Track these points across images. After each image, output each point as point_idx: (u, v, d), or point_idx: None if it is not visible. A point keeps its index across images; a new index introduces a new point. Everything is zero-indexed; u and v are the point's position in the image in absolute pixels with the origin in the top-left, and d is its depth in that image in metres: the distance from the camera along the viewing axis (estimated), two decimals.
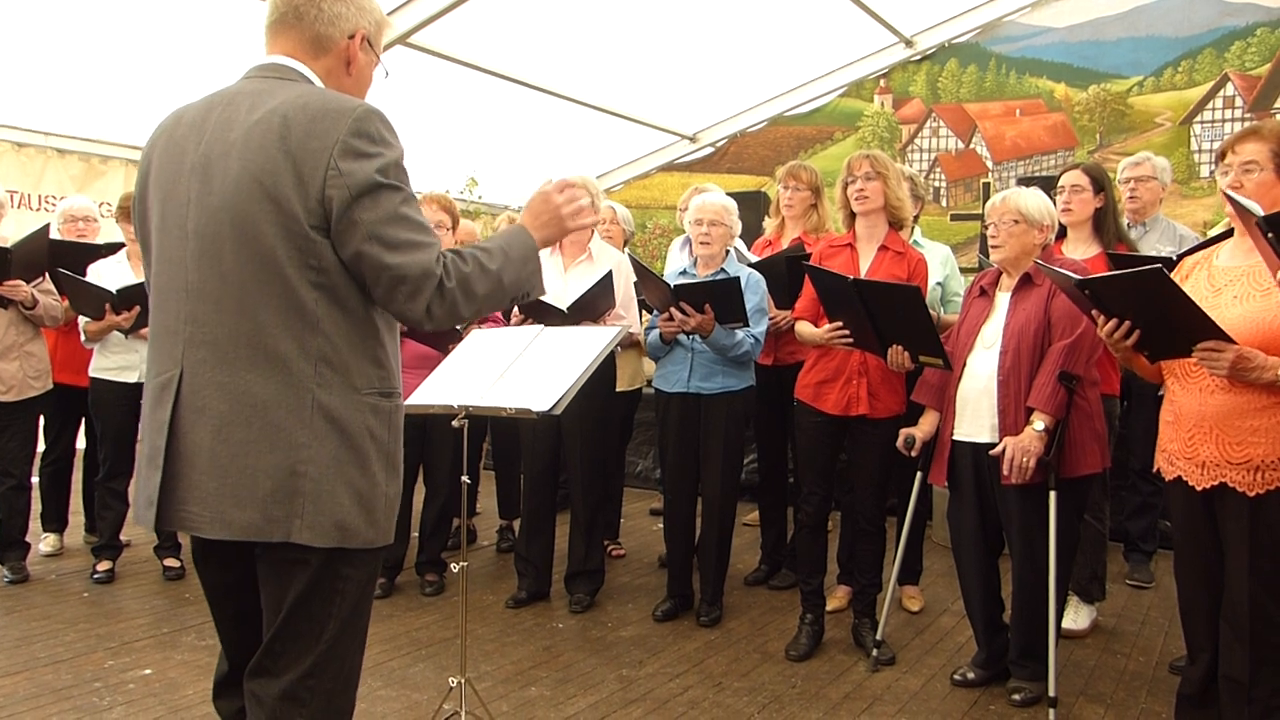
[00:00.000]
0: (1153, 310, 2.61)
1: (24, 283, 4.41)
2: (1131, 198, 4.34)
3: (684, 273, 4.22)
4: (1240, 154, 2.63)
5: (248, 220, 1.69)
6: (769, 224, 4.92)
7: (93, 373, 4.60)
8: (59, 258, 4.46)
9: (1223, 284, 2.68)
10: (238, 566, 1.84)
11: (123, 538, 4.85)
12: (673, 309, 3.93)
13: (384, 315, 1.83)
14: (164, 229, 1.81)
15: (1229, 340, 2.48)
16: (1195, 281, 2.77)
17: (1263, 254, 2.41)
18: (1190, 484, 2.68)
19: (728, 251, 4.15)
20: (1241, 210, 2.42)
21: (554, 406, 2.59)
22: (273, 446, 1.70)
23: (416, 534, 4.68)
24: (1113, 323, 2.70)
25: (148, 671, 3.54)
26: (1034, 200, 3.32)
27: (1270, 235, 2.27)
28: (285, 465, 1.70)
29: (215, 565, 1.92)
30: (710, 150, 8.79)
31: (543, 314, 3.97)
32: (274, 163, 1.68)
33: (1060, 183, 3.98)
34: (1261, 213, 2.32)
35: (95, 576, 4.60)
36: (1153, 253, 3.91)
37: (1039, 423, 3.13)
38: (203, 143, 1.76)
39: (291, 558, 1.74)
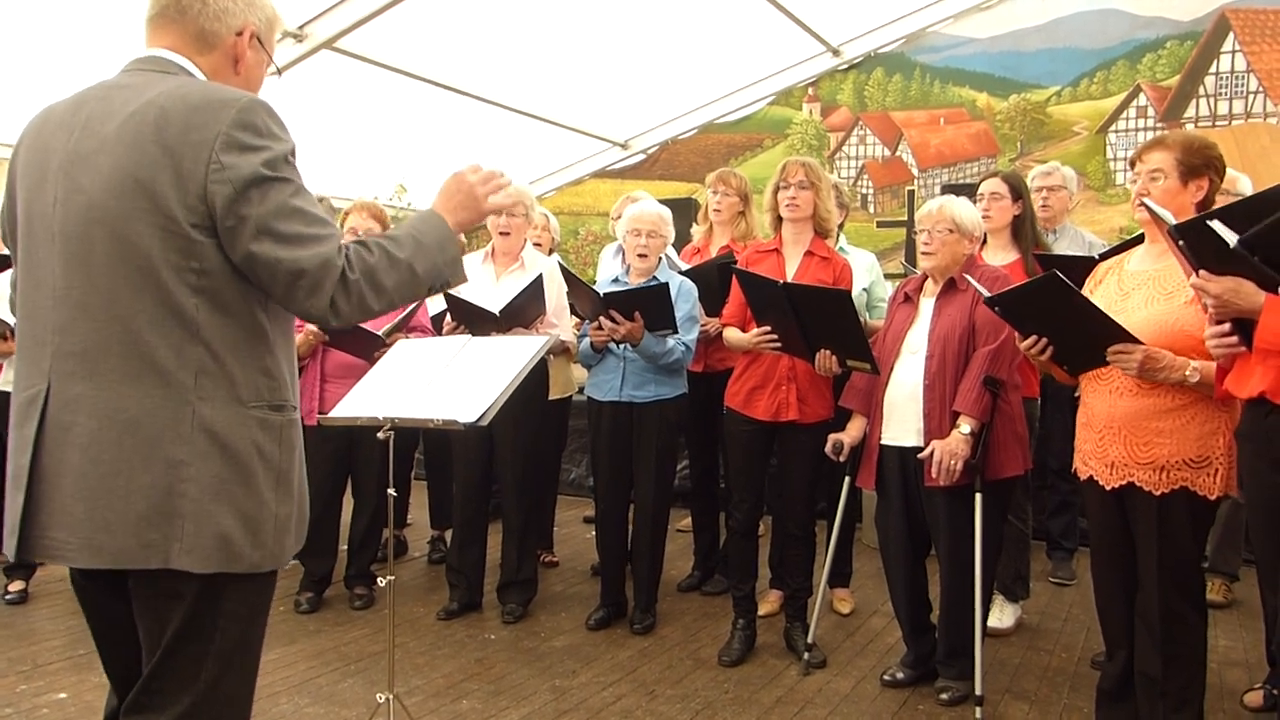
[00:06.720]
0: (1060, 319, 2.70)
1: None
2: (1044, 206, 4.47)
3: (616, 280, 4.22)
4: (1147, 163, 2.73)
5: (120, 219, 1.57)
6: (697, 231, 4.95)
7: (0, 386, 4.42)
8: None
9: (1131, 288, 2.78)
10: (122, 596, 1.68)
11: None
12: (602, 318, 3.92)
13: (276, 322, 1.71)
14: (30, 233, 1.68)
15: (1135, 341, 2.57)
16: (1107, 286, 2.87)
17: (1177, 259, 2.50)
18: (1101, 484, 2.76)
19: (660, 259, 4.16)
20: (1155, 218, 2.50)
21: (481, 417, 2.56)
22: (147, 465, 1.57)
23: (345, 547, 4.60)
24: (1031, 339, 2.80)
25: (62, 695, 3.42)
26: (967, 210, 3.39)
27: (1181, 243, 2.35)
28: (161, 485, 1.57)
29: (96, 596, 1.76)
30: (642, 157, 8.81)
31: (475, 319, 3.93)
32: (150, 157, 1.56)
33: (980, 190, 4.07)
34: (1174, 221, 2.40)
35: (7, 597, 4.43)
36: None
37: (965, 426, 3.20)
38: (72, 139, 1.63)
39: (166, 591, 1.61)
